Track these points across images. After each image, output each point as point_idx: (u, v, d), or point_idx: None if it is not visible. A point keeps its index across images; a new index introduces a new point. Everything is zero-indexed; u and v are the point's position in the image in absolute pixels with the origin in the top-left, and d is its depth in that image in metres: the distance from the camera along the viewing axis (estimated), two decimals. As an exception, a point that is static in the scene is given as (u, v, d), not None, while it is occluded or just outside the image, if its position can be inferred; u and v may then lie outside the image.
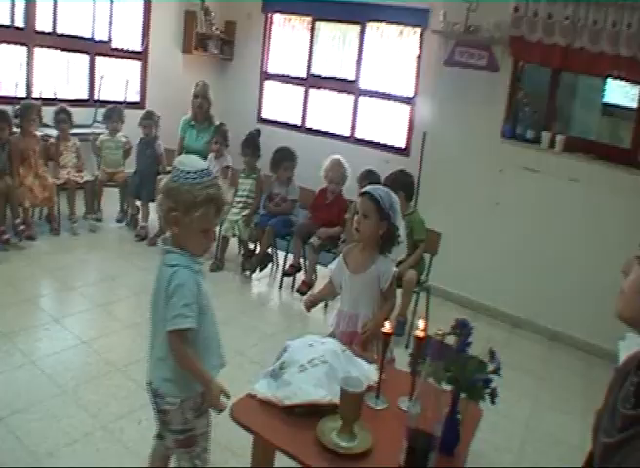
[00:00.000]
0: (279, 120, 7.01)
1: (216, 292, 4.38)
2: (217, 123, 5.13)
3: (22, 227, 4.50)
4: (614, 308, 1.16)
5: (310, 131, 6.79)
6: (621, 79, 4.28)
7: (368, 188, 2.50)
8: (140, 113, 5.37)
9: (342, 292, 2.62)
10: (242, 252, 4.82)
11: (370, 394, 1.88)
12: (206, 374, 1.83)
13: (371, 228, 2.45)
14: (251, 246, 4.79)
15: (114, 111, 5.20)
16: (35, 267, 4.23)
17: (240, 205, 4.73)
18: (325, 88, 6.72)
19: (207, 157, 4.95)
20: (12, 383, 2.86)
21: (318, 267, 4.43)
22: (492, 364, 1.76)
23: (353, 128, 6.51)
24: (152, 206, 4.95)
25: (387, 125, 6.38)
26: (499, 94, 4.60)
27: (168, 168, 5.10)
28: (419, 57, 5.92)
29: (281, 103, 7.11)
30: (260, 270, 4.69)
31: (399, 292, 3.96)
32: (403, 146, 6.20)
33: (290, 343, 2.05)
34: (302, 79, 6.86)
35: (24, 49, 5.51)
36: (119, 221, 5.31)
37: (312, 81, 6.80)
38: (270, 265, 4.81)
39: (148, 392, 1.95)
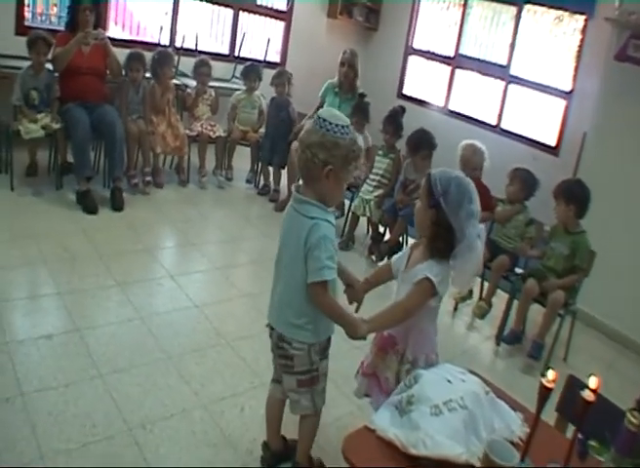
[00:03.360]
0: (420, 98, 6.38)
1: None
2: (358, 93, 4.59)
3: (149, 178, 4.27)
4: None
5: (453, 114, 6.11)
6: None
7: (436, 169, 1.83)
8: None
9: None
10: (371, 234, 4.32)
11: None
12: (349, 316, 1.79)
13: (419, 215, 1.84)
14: (381, 229, 4.27)
15: (252, 69, 4.81)
16: (159, 216, 3.98)
17: (374, 184, 4.20)
18: (472, 70, 6.00)
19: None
20: (118, 338, 2.57)
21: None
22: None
23: (500, 117, 5.77)
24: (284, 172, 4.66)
25: (538, 118, 5.57)
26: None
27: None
28: (580, 47, 5.07)
29: (424, 81, 6.46)
30: (389, 258, 4.15)
31: (541, 310, 3.36)
32: (553, 144, 5.41)
33: (423, 372, 1.59)
34: (449, 58, 6.18)
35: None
36: (248, 182, 4.95)
37: (459, 61, 6.10)
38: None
39: (270, 336, 1.96)
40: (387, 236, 4.23)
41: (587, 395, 1.42)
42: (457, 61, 6.12)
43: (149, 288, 3.05)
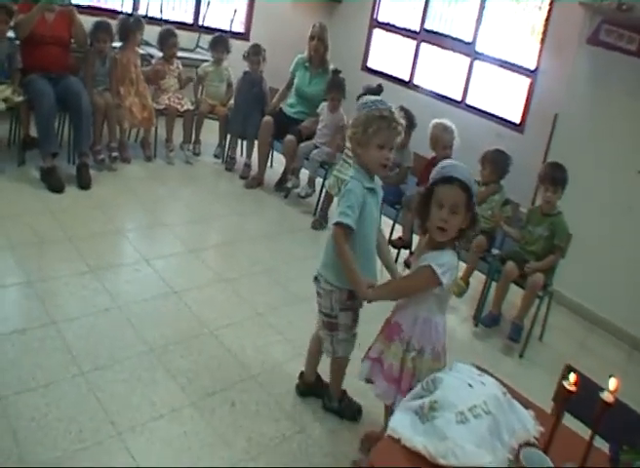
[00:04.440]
0: (385, 72, 6.21)
1: (317, 252, 3.91)
2: (331, 69, 4.40)
3: (116, 153, 3.98)
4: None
5: (418, 88, 5.98)
6: None
7: (453, 172, 1.73)
8: (244, 45, 4.74)
9: None
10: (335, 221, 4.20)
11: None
12: (356, 270, 1.93)
13: (456, 222, 1.74)
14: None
15: (220, 40, 4.53)
16: (127, 194, 3.74)
17: (348, 160, 4.02)
18: (438, 45, 5.87)
19: (319, 104, 4.29)
20: (97, 330, 2.40)
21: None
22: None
23: (465, 92, 5.69)
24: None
25: (503, 95, 5.53)
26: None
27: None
28: (546, 27, 5.02)
29: (389, 55, 6.29)
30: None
31: (517, 292, 3.37)
32: (518, 121, 5.39)
33: (443, 376, 1.54)
34: (414, 32, 6.03)
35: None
36: (216, 156, 4.72)
37: (425, 36, 5.96)
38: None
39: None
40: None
41: (607, 396, 1.38)
42: (422, 36, 5.98)
43: (125, 274, 2.86)
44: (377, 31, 6.34)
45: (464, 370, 1.59)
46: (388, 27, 6.26)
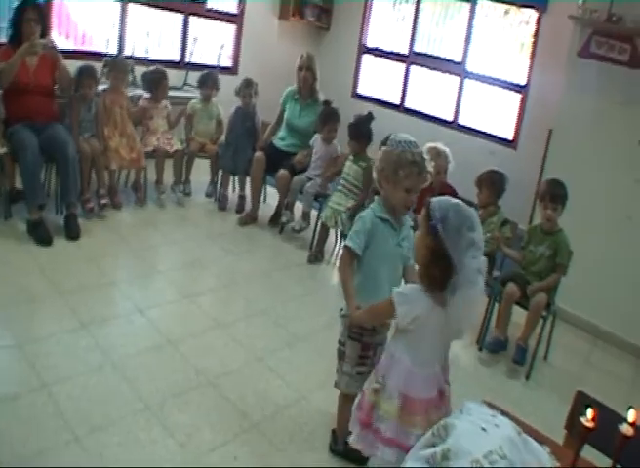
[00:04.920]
0: (376, 97, 6.26)
1: (314, 287, 3.83)
2: (322, 100, 4.40)
3: (105, 200, 3.94)
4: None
5: (409, 111, 6.02)
6: None
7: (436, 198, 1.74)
8: (233, 79, 4.77)
9: None
10: (343, 244, 4.16)
11: None
12: (350, 289, 2.01)
13: (418, 241, 1.75)
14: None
15: (209, 77, 4.53)
16: (119, 243, 3.68)
17: (345, 191, 4.03)
18: (427, 67, 5.92)
19: (311, 136, 4.29)
20: (90, 390, 2.31)
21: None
22: None
23: (457, 112, 5.73)
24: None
25: (495, 113, 5.57)
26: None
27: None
28: (535, 42, 5.07)
29: (379, 80, 6.35)
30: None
31: (519, 312, 3.31)
32: (511, 138, 5.41)
33: (455, 422, 1.45)
34: (403, 56, 6.08)
35: (118, 5, 4.97)
36: (208, 195, 4.69)
37: (414, 58, 6.01)
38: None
39: None
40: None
41: (627, 429, 1.37)
42: (411, 59, 6.03)
43: (118, 327, 2.79)
44: (365, 57, 6.40)
45: (476, 413, 1.52)
46: (377, 52, 6.33)
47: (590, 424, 1.38)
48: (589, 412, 1.39)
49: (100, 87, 4.03)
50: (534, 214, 4.15)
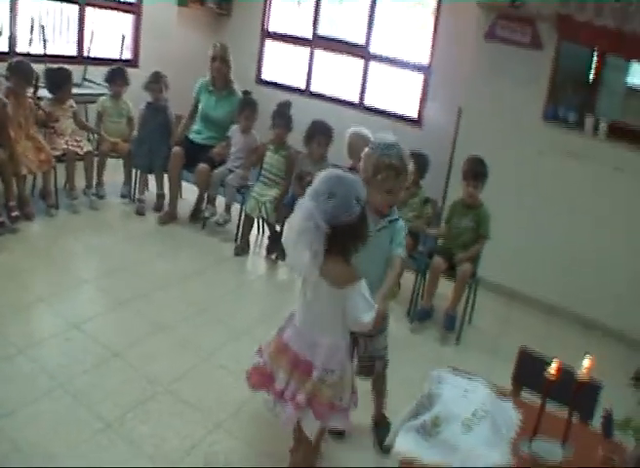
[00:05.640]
0: (280, 82, 6.25)
1: (246, 279, 3.80)
2: (239, 92, 4.35)
3: (16, 212, 3.65)
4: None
5: (315, 95, 6.08)
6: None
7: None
8: (134, 73, 4.54)
9: None
10: (269, 234, 4.20)
11: (523, 440, 1.56)
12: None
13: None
14: (277, 227, 4.15)
15: (118, 72, 4.30)
16: (39, 257, 3.43)
17: (267, 182, 4.05)
18: (332, 50, 5.99)
19: (228, 128, 4.23)
20: (43, 418, 2.19)
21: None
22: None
23: (362, 94, 5.86)
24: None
25: (399, 93, 5.77)
26: (541, 72, 4.01)
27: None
28: (436, 24, 5.31)
29: (283, 65, 6.32)
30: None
31: (445, 283, 3.55)
32: (415, 117, 5.64)
33: (440, 391, 1.62)
34: (307, 40, 6.09)
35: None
36: (123, 196, 4.47)
37: (317, 42, 6.04)
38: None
39: None
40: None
41: (582, 375, 1.55)
42: (315, 43, 6.06)
43: (57, 346, 2.64)
44: (268, 42, 6.34)
45: (453, 380, 1.70)
46: (280, 37, 6.30)
47: (554, 377, 1.54)
48: (553, 366, 1.55)
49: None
50: (447, 190, 4.40)
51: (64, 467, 1.91)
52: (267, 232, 4.25)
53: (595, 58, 4.05)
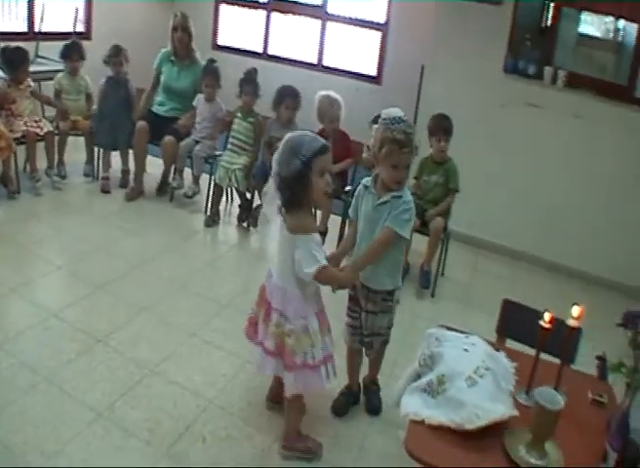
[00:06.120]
0: (237, 47, 6.00)
1: (221, 250, 3.66)
2: (201, 61, 4.15)
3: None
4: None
5: (273, 58, 5.87)
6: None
7: (321, 141, 1.90)
8: (87, 45, 4.25)
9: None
10: (240, 202, 4.09)
11: (519, 390, 1.63)
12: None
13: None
14: (248, 195, 4.05)
15: (73, 47, 4.03)
16: (4, 245, 3.25)
17: (235, 149, 3.92)
18: (289, 12, 5.75)
19: (192, 98, 4.06)
20: (30, 414, 2.09)
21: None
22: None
23: (320, 55, 5.69)
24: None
25: (358, 51, 5.64)
26: (500, 27, 3.95)
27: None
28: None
29: (240, 29, 6.06)
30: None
31: (425, 240, 3.55)
32: (374, 74, 5.53)
33: (442, 351, 1.64)
34: (263, 3, 5.84)
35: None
36: (87, 175, 4.27)
37: (274, 5, 5.81)
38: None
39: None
40: (258, 201, 4.04)
41: (572, 323, 1.59)
42: (271, 5, 5.82)
43: (36, 337, 2.53)
44: (223, 7, 6.05)
45: (452, 338, 1.72)
46: (235, 1, 6.01)
47: (548, 326, 1.57)
48: (547, 316, 1.58)
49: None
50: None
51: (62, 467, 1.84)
52: (238, 201, 4.14)
53: (551, 10, 4.02)
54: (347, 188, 3.87)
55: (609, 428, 1.43)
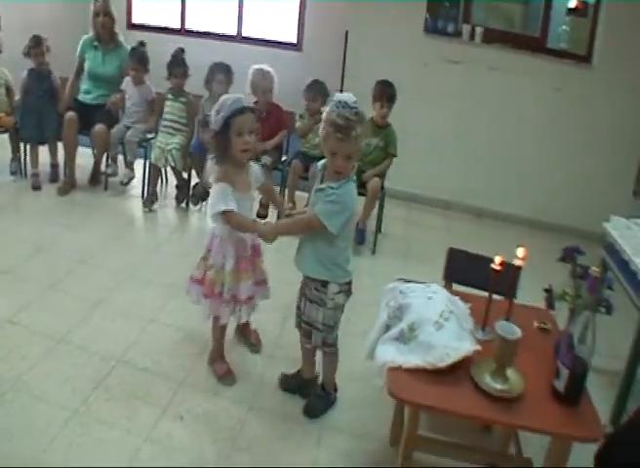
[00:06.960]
0: (153, 25, 5.73)
1: (165, 232, 3.63)
2: (125, 44, 3.99)
3: None
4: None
5: (191, 33, 5.67)
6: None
7: (243, 102, 2.09)
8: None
9: None
10: (176, 182, 4.01)
11: (476, 328, 1.78)
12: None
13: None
14: (184, 175, 3.97)
15: None
16: None
17: (169, 130, 3.84)
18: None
19: (118, 84, 3.91)
20: (5, 426, 2.00)
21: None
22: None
23: (239, 26, 5.54)
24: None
25: (276, 20, 5.53)
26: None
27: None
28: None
29: (154, 6, 5.77)
30: (204, 201, 3.92)
31: (361, 200, 3.61)
32: (295, 41, 5.46)
33: (408, 301, 1.74)
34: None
35: None
36: (13, 173, 4.04)
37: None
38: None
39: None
40: (196, 179, 3.98)
41: (518, 262, 1.74)
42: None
43: (-3, 347, 2.42)
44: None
45: (416, 289, 1.81)
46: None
47: (499, 268, 1.72)
48: (497, 259, 1.72)
49: None
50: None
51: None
52: (174, 182, 4.06)
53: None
54: (283, 158, 3.88)
55: (558, 349, 1.58)
